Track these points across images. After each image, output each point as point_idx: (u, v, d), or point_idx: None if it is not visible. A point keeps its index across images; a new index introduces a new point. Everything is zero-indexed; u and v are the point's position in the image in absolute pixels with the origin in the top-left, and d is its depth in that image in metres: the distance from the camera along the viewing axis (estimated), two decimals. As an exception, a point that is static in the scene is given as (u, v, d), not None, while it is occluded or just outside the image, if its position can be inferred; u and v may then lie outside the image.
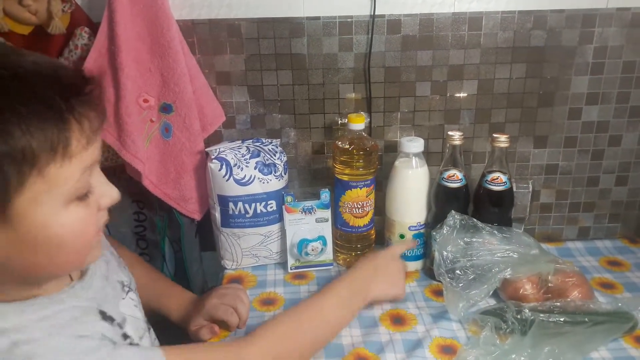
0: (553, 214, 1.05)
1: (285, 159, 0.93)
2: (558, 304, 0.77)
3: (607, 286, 0.90)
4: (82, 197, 0.48)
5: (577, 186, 1.03)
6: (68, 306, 0.52)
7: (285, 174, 0.93)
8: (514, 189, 0.89)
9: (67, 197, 0.46)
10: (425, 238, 0.93)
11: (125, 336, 0.57)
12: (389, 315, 0.82)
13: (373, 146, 0.91)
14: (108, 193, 0.52)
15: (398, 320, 0.81)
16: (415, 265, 0.95)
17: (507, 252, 0.82)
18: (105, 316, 0.55)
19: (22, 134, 0.41)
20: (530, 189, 1.01)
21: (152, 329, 0.68)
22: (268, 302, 0.86)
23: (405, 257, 0.93)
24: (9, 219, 0.44)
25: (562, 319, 0.73)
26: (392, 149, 0.99)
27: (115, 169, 0.90)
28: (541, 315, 0.74)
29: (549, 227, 1.06)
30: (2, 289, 0.49)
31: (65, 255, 0.49)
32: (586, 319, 0.74)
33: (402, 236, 0.93)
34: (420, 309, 0.84)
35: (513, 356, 0.68)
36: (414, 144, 0.88)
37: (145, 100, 0.87)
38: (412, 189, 0.91)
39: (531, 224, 1.05)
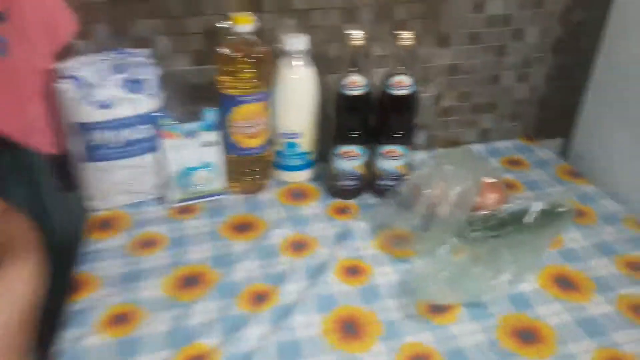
0: (455, 118, 1.01)
1: (158, 73, 0.78)
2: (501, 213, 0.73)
3: (508, 186, 0.88)
4: None
5: (480, 86, 0.98)
6: None
7: (159, 91, 0.78)
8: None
9: None
10: (315, 150, 0.85)
11: None
12: (290, 243, 0.75)
13: (264, 53, 0.78)
14: None
15: (300, 245, 0.74)
16: (302, 176, 0.89)
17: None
18: None
19: None
20: (434, 93, 0.95)
21: None
22: (149, 243, 0.75)
23: (286, 167, 0.87)
24: None
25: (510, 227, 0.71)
26: (285, 56, 0.86)
27: None
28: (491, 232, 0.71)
29: (451, 131, 1.02)
30: None
31: None
32: (530, 221, 0.71)
33: (274, 142, 0.86)
34: (324, 229, 0.78)
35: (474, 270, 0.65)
36: (292, 41, 0.79)
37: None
38: (289, 92, 0.82)
39: (434, 130, 1.00)
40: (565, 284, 0.68)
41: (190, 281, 0.68)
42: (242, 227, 0.78)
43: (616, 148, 0.89)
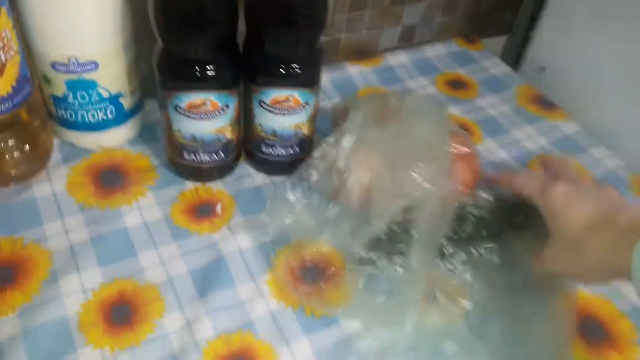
0: (367, 12, 0.63)
1: None
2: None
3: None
4: None
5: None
6: None
7: None
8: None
9: None
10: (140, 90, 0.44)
11: None
12: (101, 306, 0.37)
13: None
14: None
15: (122, 311, 0.37)
16: (114, 137, 0.48)
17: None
18: None
19: None
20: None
21: None
22: None
23: (79, 125, 0.46)
24: None
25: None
26: None
27: None
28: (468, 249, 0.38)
29: (361, 33, 0.65)
30: None
31: None
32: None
33: (46, 80, 0.43)
34: (171, 264, 0.40)
35: None
36: None
37: None
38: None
39: (335, 33, 0.63)
40: (597, 333, 0.41)
41: None
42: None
43: (600, 59, 0.60)
